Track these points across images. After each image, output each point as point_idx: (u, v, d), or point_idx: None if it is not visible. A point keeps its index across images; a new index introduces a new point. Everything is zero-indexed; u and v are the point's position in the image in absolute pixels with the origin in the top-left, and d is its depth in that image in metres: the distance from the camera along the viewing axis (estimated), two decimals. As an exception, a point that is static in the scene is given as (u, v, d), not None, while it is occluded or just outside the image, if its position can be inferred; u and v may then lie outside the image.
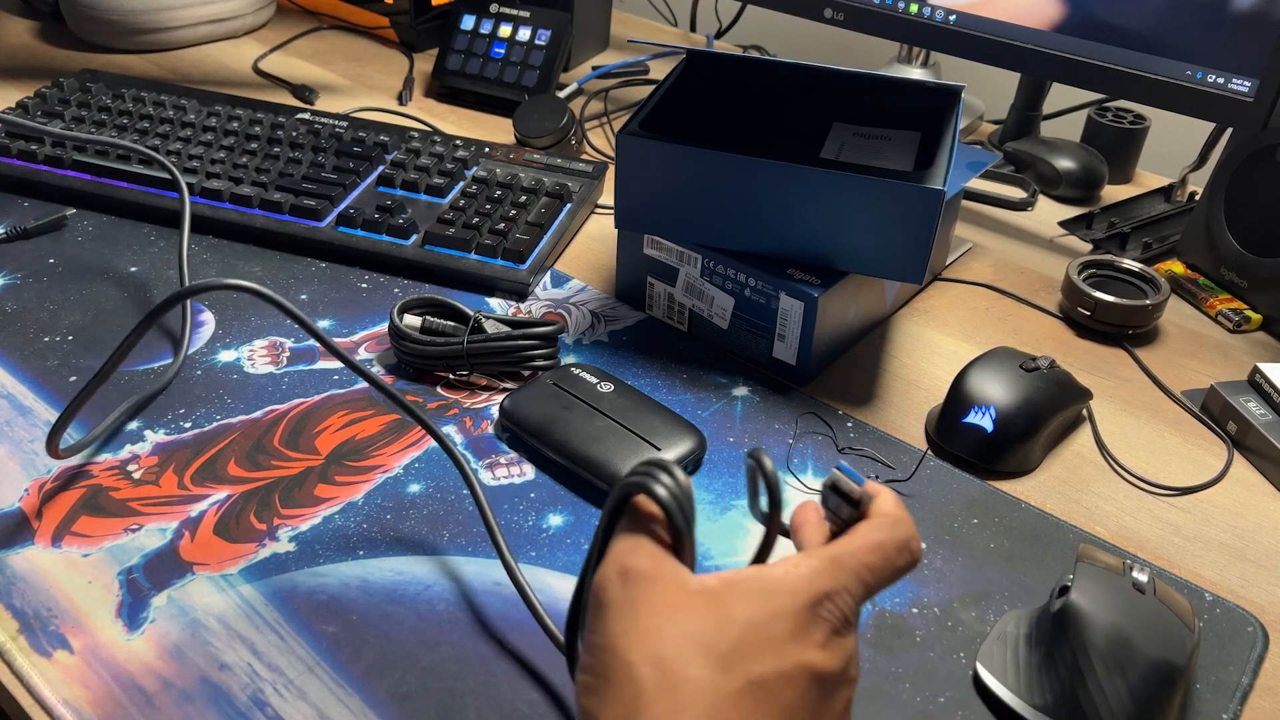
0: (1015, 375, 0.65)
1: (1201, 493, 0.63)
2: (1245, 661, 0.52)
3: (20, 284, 0.73)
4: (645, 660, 0.34)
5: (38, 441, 0.60)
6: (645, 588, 0.36)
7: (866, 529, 0.39)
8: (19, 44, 1.12)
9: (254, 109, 0.92)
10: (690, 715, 0.33)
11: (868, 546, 0.38)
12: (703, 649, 0.34)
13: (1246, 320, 0.79)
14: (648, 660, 0.34)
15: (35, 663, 0.48)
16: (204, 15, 1.13)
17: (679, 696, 0.33)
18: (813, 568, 0.37)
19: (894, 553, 0.38)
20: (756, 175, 0.65)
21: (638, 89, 1.12)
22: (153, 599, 0.52)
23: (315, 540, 0.55)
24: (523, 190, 0.83)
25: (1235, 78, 0.78)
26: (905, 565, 0.39)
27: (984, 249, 0.88)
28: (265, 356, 0.68)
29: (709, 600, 0.35)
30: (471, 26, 1.07)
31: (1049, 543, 0.58)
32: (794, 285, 0.66)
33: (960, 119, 0.71)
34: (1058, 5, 0.84)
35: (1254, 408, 0.67)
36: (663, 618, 0.35)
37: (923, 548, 0.39)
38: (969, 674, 0.50)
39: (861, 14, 0.94)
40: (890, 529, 0.39)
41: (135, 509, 0.57)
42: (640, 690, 0.34)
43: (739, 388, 0.68)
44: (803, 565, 0.37)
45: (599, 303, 0.76)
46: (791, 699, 0.34)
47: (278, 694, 0.47)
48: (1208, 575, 0.57)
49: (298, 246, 0.79)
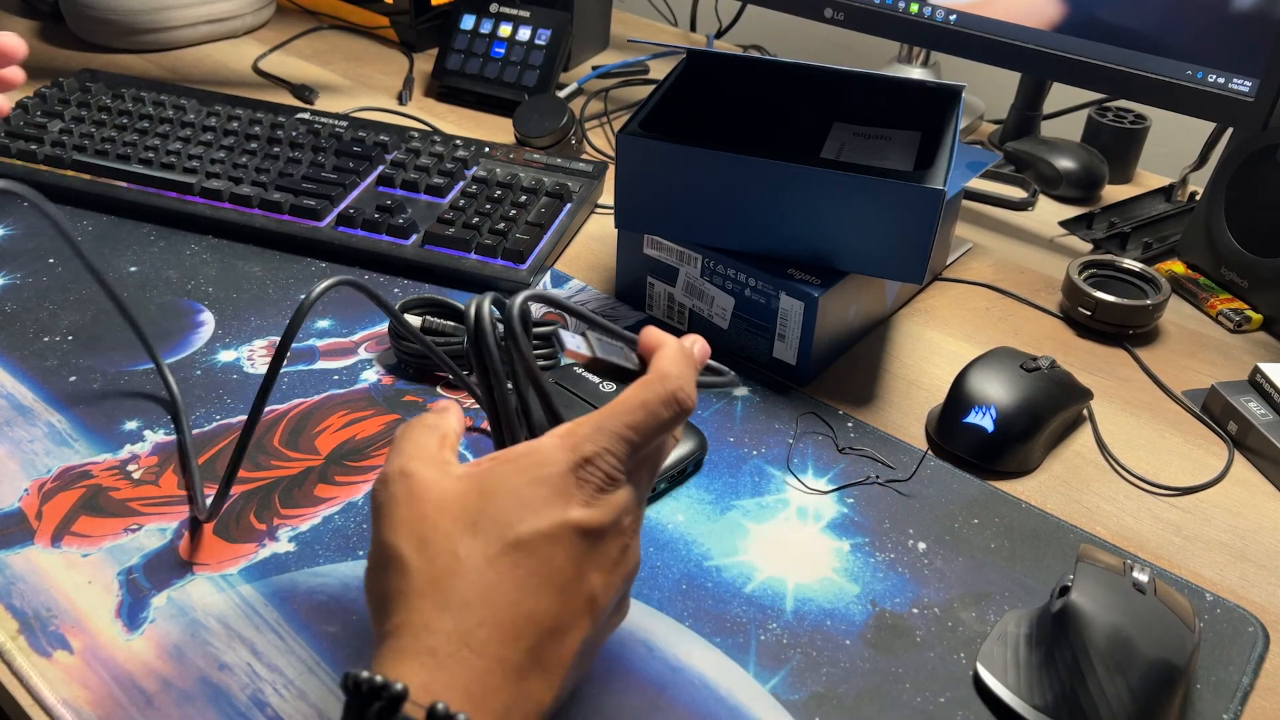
0: (1016, 375, 0.65)
1: (1202, 493, 0.63)
2: (1246, 662, 0.52)
3: (20, 284, 0.73)
4: (409, 542, 0.38)
5: (37, 441, 0.60)
6: (412, 483, 0.39)
7: (634, 389, 0.42)
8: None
9: (254, 109, 0.92)
10: (454, 582, 0.37)
11: (631, 406, 0.41)
12: (463, 523, 0.38)
13: (1247, 320, 0.79)
14: (411, 541, 0.38)
15: (35, 663, 0.48)
16: (204, 15, 1.13)
17: (439, 567, 0.37)
18: (574, 436, 0.40)
19: (659, 407, 0.41)
20: (756, 175, 0.65)
21: (638, 89, 1.12)
22: (152, 599, 0.52)
23: (315, 540, 0.55)
24: (523, 190, 0.83)
25: (1236, 77, 0.78)
26: (672, 418, 0.41)
27: (984, 249, 0.88)
28: (265, 356, 0.68)
29: (472, 481, 0.39)
30: (471, 26, 1.07)
31: (1049, 543, 0.58)
32: (794, 285, 0.66)
33: (960, 119, 0.71)
34: (1058, 5, 0.84)
35: (1254, 408, 0.67)
36: (427, 504, 0.39)
37: (694, 396, 0.42)
38: (969, 674, 0.50)
39: (862, 14, 0.94)
40: (656, 385, 0.41)
41: (135, 509, 0.56)
42: (407, 569, 0.37)
43: (739, 388, 0.68)
44: (565, 436, 0.40)
45: (599, 303, 0.76)
46: (555, 554, 0.38)
47: (277, 694, 0.47)
48: (1208, 575, 0.57)
49: (297, 246, 0.79)
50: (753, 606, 0.53)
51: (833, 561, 0.56)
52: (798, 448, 0.64)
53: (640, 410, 0.41)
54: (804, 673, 0.50)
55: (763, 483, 0.61)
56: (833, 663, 0.51)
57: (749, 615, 0.53)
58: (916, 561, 0.56)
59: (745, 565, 0.56)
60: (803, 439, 0.65)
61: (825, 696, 0.49)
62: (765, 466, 0.62)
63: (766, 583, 0.55)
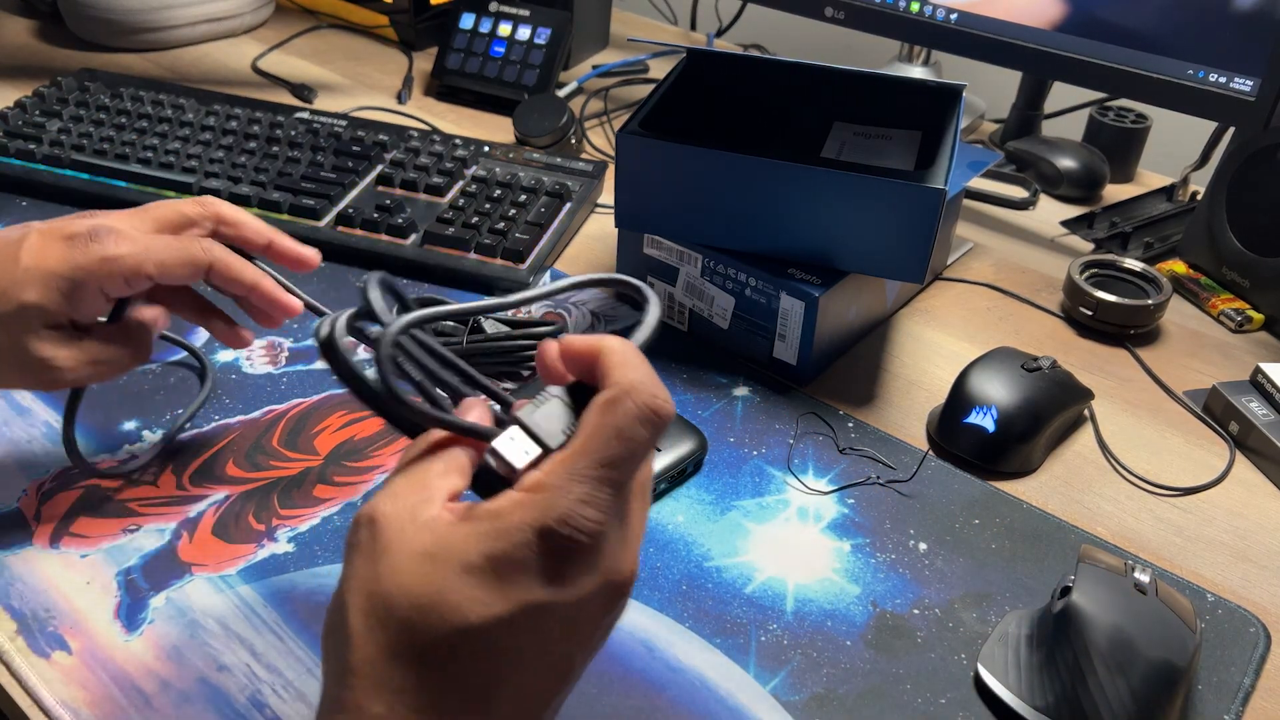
0: (1017, 375, 0.64)
1: (1203, 493, 0.63)
2: (1247, 662, 0.52)
3: (19, 283, 0.73)
4: (357, 611, 0.33)
5: (35, 442, 0.60)
6: (375, 532, 0.34)
7: (598, 414, 0.34)
8: (18, 43, 1.12)
9: (253, 108, 0.92)
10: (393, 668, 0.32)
11: (603, 439, 0.34)
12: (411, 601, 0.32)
13: (1248, 320, 0.79)
14: (359, 609, 0.33)
15: (33, 663, 0.48)
16: (203, 14, 1.13)
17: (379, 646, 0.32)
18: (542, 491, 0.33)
19: (636, 428, 0.34)
20: (757, 174, 0.65)
21: (638, 88, 1.12)
22: (151, 600, 0.51)
23: (314, 541, 0.55)
24: (522, 189, 0.83)
25: (1237, 77, 0.77)
26: (652, 435, 0.35)
27: (985, 248, 0.88)
28: (264, 356, 0.68)
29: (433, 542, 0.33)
30: (471, 25, 1.07)
31: (1050, 543, 0.58)
32: (794, 285, 0.66)
33: (961, 118, 0.70)
34: (1059, 4, 0.84)
35: (1256, 408, 0.67)
36: (383, 566, 0.33)
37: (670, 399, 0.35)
38: (970, 675, 0.50)
39: (862, 13, 0.94)
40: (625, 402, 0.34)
41: (134, 509, 0.56)
42: (350, 638, 0.33)
43: (739, 388, 0.68)
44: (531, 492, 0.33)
45: (599, 303, 0.76)
46: (515, 641, 0.33)
47: (276, 695, 0.47)
48: (1209, 576, 0.57)
49: (297, 246, 0.79)
50: (753, 607, 0.53)
51: (833, 562, 0.56)
52: (798, 448, 0.64)
53: (615, 440, 0.34)
54: (804, 673, 0.50)
55: (763, 483, 0.61)
56: (833, 663, 0.50)
57: (749, 616, 0.53)
58: (917, 562, 0.56)
59: (745, 566, 0.55)
60: (803, 439, 0.64)
61: (826, 697, 0.49)
62: (765, 467, 0.62)
63: (767, 583, 0.55)
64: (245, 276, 0.52)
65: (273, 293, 0.53)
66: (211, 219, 0.53)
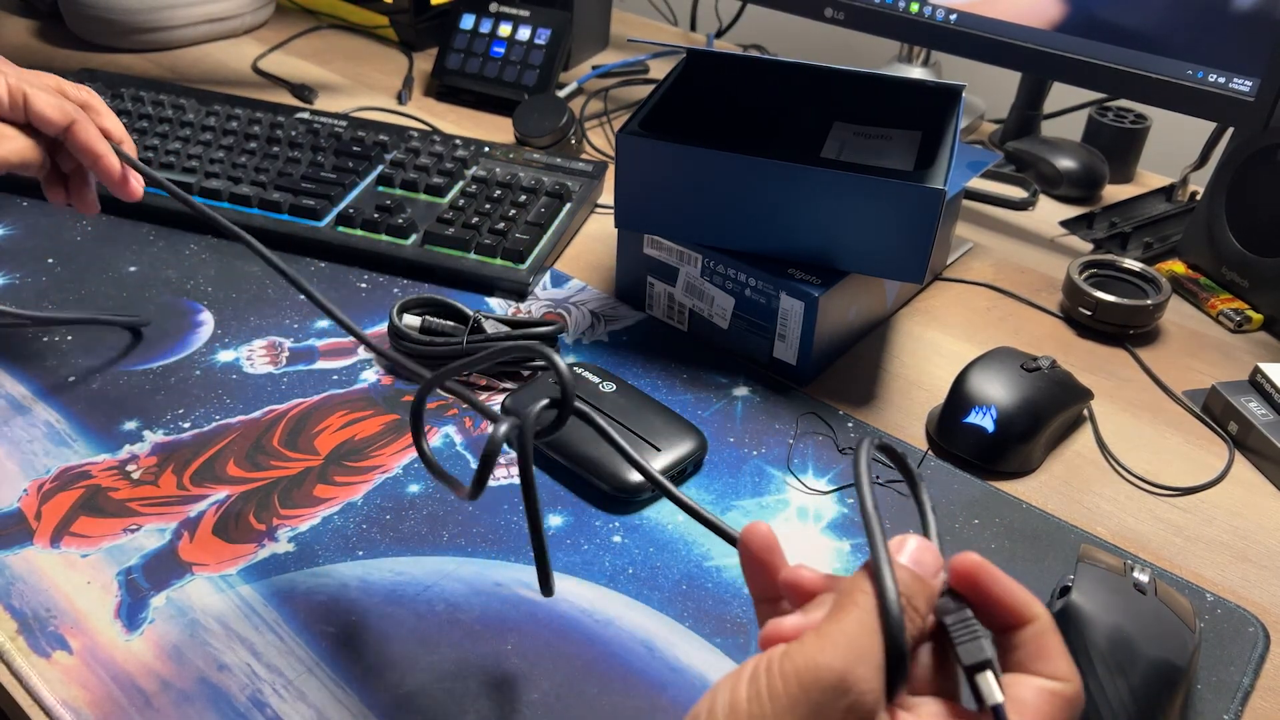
0: (1016, 375, 0.64)
1: (1203, 493, 0.63)
2: (1246, 662, 0.52)
3: (20, 284, 0.73)
4: None
5: (36, 442, 0.60)
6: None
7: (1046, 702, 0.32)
8: (18, 43, 1.12)
9: (253, 108, 0.92)
10: None
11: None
12: None
13: (1248, 320, 0.79)
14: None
15: (34, 663, 0.48)
16: (203, 14, 1.13)
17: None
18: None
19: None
20: (757, 175, 0.65)
21: (638, 88, 1.12)
22: (152, 599, 0.51)
23: (314, 541, 0.55)
24: (522, 190, 0.83)
25: (1236, 77, 0.77)
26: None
27: (985, 249, 0.88)
28: (264, 356, 0.68)
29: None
30: (471, 25, 1.07)
31: (1050, 543, 0.58)
32: (794, 285, 0.66)
33: (961, 118, 0.71)
34: (1059, 4, 0.84)
35: (1255, 408, 0.67)
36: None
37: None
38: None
39: (862, 13, 0.94)
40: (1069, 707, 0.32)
41: (134, 509, 0.56)
42: None
43: (739, 388, 0.68)
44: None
45: (599, 302, 0.76)
46: None
47: (277, 695, 0.47)
48: (1209, 575, 0.57)
49: (297, 246, 0.79)
50: (753, 607, 0.53)
51: (833, 562, 0.56)
52: (798, 448, 0.64)
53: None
54: (804, 673, 0.50)
55: (763, 483, 0.61)
56: (833, 663, 0.50)
57: (749, 616, 0.53)
58: (917, 562, 0.56)
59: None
60: (803, 439, 0.64)
61: (825, 697, 0.49)
62: (765, 467, 0.62)
63: (767, 583, 0.55)
64: (97, 146, 0.58)
65: (113, 171, 0.59)
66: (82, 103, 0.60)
